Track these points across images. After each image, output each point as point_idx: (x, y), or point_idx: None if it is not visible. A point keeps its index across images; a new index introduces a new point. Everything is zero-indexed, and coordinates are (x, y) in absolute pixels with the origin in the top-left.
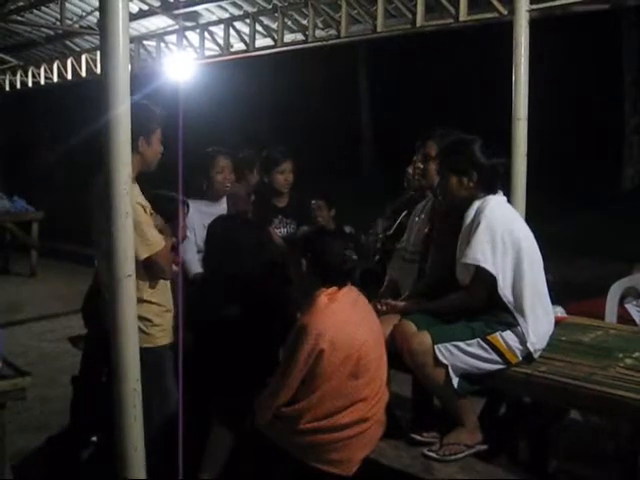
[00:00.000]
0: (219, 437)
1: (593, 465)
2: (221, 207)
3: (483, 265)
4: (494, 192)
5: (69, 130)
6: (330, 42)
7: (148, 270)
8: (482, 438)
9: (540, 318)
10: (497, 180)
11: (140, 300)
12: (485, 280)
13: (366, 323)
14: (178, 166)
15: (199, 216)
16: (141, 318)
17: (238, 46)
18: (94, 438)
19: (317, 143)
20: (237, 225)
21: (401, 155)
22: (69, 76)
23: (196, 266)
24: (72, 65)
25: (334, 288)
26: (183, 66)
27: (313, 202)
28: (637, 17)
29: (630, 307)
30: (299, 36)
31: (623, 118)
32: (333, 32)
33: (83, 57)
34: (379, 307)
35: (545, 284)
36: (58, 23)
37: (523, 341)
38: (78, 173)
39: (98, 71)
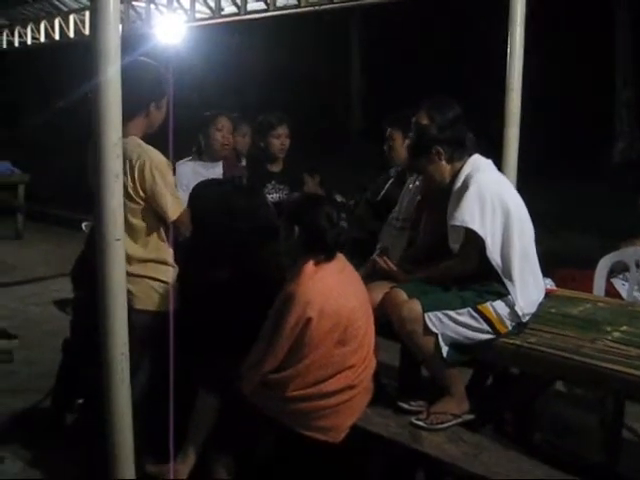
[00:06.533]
0: (205, 404)
1: (577, 436)
2: (218, 170)
3: (471, 226)
4: (469, 153)
5: (57, 92)
6: (322, 7)
7: (176, 229)
8: (469, 408)
9: (529, 284)
10: (463, 141)
11: (162, 262)
12: (474, 243)
13: (353, 290)
14: (168, 129)
15: (194, 177)
16: (160, 281)
17: (229, 9)
18: (79, 401)
19: (307, 109)
20: (227, 189)
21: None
22: (57, 36)
23: None
24: (60, 25)
25: (322, 256)
26: (173, 29)
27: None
28: None
29: (616, 281)
30: (292, 0)
31: (614, 92)
32: None
33: (71, 17)
34: (380, 262)
35: (535, 252)
36: None
37: (513, 310)
38: (66, 136)
39: (86, 32)
